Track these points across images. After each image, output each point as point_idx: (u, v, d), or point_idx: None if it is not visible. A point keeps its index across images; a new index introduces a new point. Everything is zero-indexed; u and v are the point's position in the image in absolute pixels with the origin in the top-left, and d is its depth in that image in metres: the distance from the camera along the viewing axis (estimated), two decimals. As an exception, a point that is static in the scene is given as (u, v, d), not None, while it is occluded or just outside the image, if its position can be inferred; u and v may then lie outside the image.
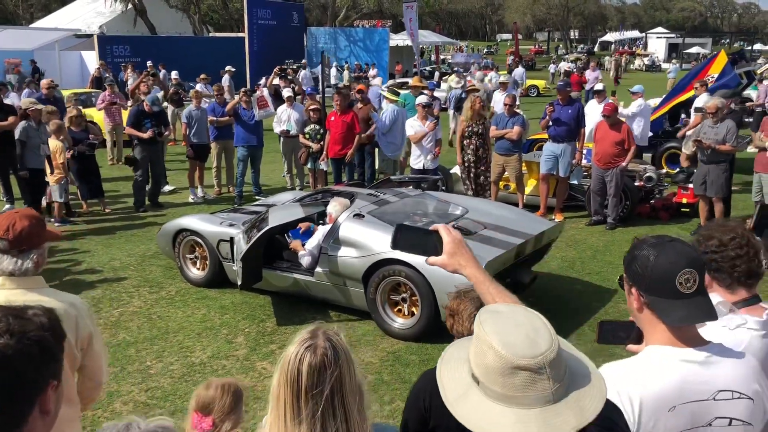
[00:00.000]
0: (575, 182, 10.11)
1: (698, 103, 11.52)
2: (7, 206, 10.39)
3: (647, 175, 9.71)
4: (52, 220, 9.47)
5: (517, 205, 9.76)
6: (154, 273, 7.72)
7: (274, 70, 11.93)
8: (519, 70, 27.75)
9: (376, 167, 10.94)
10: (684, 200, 9.75)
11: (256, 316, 6.47)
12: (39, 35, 27.81)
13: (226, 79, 19.27)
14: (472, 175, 9.80)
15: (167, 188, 11.66)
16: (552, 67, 34.44)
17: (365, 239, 5.96)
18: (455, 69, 22.16)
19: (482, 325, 1.42)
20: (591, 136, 9.77)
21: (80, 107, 11.68)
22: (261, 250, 6.21)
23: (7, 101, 11.04)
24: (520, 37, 68.46)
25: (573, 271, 7.71)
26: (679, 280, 1.83)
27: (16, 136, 8.97)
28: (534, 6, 73.41)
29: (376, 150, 10.84)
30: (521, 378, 1.34)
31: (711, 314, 1.86)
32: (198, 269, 7.28)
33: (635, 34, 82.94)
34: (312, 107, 10.91)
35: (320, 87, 12.45)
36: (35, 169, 9.14)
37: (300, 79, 19.43)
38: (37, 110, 9.23)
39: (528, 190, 10.27)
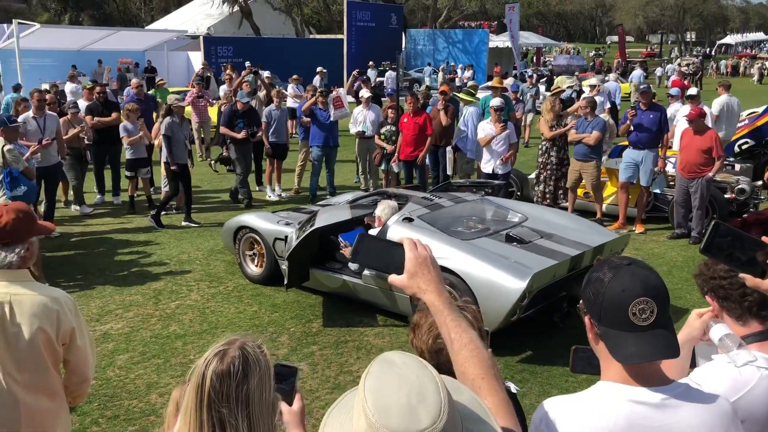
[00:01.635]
0: (658, 191, 9.50)
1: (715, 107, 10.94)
2: (98, 197, 10.98)
3: (739, 186, 8.98)
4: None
5: (595, 214, 9.32)
6: (217, 268, 7.88)
7: (353, 73, 11.93)
8: (637, 72, 26.60)
9: (449, 172, 10.70)
10: (781, 215, 8.93)
11: (304, 315, 6.45)
12: (150, 36, 29.30)
13: (317, 80, 19.54)
14: (554, 178, 9.44)
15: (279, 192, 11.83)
16: (659, 70, 32.77)
17: (412, 244, 5.80)
18: (521, 72, 21.53)
19: (365, 378, 1.19)
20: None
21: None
22: (307, 250, 6.18)
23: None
24: (631, 39, 65.81)
25: (644, 286, 7.21)
26: (632, 310, 1.59)
27: (162, 132, 9.28)
28: (647, 7, 70.02)
29: (455, 153, 10.61)
30: None
31: (668, 351, 1.60)
32: (256, 266, 7.37)
33: (759, 36, 77.77)
34: (391, 106, 10.84)
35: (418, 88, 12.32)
36: (180, 164, 9.41)
37: (386, 80, 19.39)
38: (180, 107, 9.58)
39: (610, 199, 9.75)
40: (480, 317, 2.27)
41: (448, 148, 10.17)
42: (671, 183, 9.58)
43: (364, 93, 11.29)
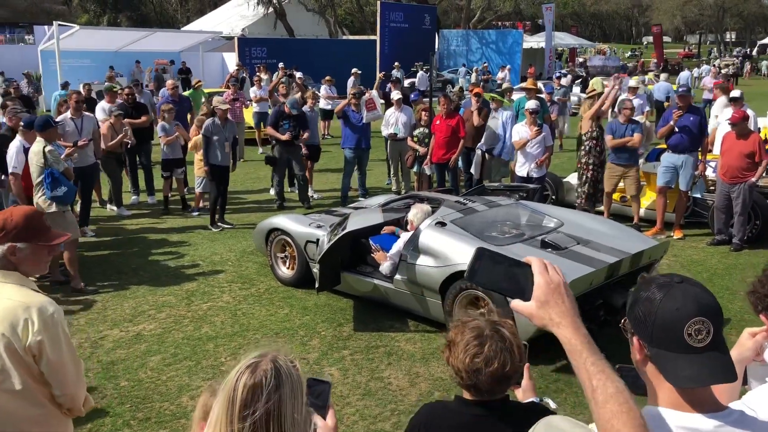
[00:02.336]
0: (699, 196, 9.27)
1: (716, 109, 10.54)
2: (134, 198, 11.10)
3: (784, 192, 8.71)
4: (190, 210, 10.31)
5: (632, 219, 9.13)
6: (249, 269, 7.89)
7: (379, 76, 11.88)
8: (685, 74, 25.90)
9: (475, 175, 10.58)
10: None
11: (335, 319, 6.41)
12: (185, 37, 29.63)
13: (351, 81, 19.50)
14: (593, 181, 9.24)
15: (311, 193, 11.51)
16: (695, 71, 32.04)
17: (444, 249, 5.73)
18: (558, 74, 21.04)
19: None
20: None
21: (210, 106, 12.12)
22: (338, 254, 6.14)
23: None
24: (668, 39, 64.54)
25: (683, 294, 7.02)
26: (687, 331, 1.50)
27: (201, 132, 9.32)
28: (685, 7, 68.62)
29: (487, 156, 10.50)
30: None
31: (726, 375, 1.50)
32: (288, 268, 7.35)
33: (802, 36, 75.63)
34: (424, 108, 10.76)
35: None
36: (217, 165, 9.38)
37: (418, 81, 19.33)
38: (224, 109, 9.63)
39: (646, 203, 9.54)
40: (516, 332, 2.20)
41: (477, 152, 10.05)
42: (711, 188, 9.35)
43: (396, 95, 11.23)
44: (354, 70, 20.15)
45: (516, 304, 1.49)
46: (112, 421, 4.69)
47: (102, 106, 10.80)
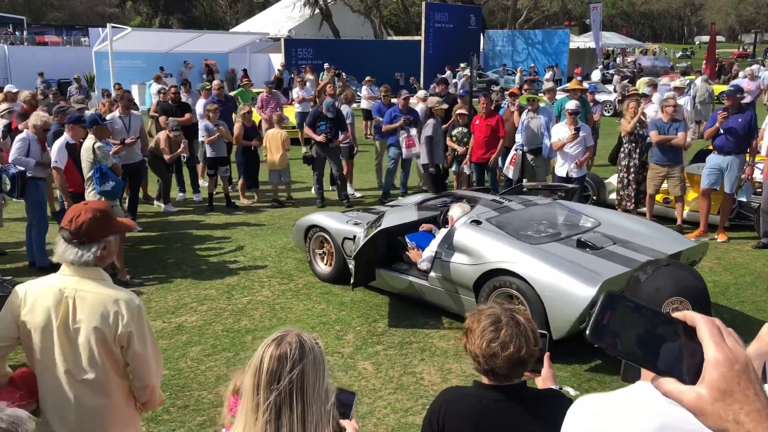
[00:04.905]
0: (744, 200, 9.07)
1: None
2: (180, 195, 11.39)
3: (833, 195, 8.45)
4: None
5: (675, 221, 8.99)
6: (288, 265, 8.04)
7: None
8: (742, 74, 25.04)
9: (511, 176, 10.53)
10: None
11: (370, 315, 6.50)
12: (233, 39, 30.19)
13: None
14: (636, 182, 9.13)
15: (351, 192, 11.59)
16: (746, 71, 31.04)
17: (479, 247, 5.77)
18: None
19: None
20: None
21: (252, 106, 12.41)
22: (374, 251, 6.22)
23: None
24: (721, 39, 62.82)
25: (724, 297, 6.91)
26: (665, 310, 1.55)
27: (427, 134, 9.87)
28: (740, 5, 66.79)
29: (528, 156, 10.45)
30: None
31: None
32: (326, 264, 7.47)
33: None
34: (459, 111, 10.75)
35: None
36: (438, 165, 10.07)
37: (459, 82, 19.26)
38: (441, 109, 9.91)
39: (691, 205, 9.37)
40: (530, 317, 2.28)
41: (518, 152, 9.98)
42: (758, 190, 9.13)
43: (421, 93, 11.37)
44: (455, 70, 19.57)
45: (669, 386, 0.94)
46: (152, 407, 4.87)
47: (200, 103, 11.58)
